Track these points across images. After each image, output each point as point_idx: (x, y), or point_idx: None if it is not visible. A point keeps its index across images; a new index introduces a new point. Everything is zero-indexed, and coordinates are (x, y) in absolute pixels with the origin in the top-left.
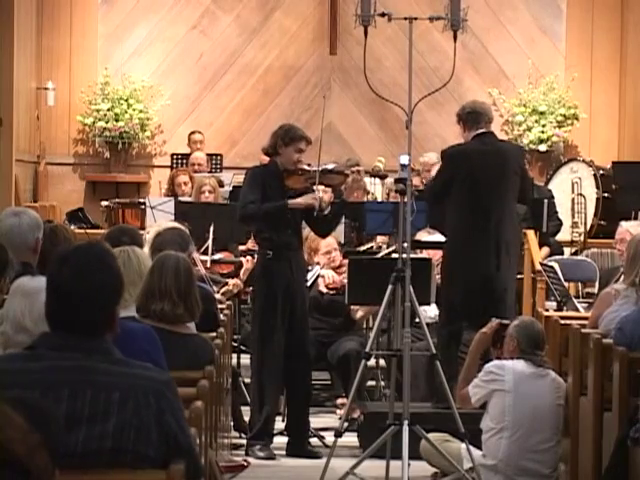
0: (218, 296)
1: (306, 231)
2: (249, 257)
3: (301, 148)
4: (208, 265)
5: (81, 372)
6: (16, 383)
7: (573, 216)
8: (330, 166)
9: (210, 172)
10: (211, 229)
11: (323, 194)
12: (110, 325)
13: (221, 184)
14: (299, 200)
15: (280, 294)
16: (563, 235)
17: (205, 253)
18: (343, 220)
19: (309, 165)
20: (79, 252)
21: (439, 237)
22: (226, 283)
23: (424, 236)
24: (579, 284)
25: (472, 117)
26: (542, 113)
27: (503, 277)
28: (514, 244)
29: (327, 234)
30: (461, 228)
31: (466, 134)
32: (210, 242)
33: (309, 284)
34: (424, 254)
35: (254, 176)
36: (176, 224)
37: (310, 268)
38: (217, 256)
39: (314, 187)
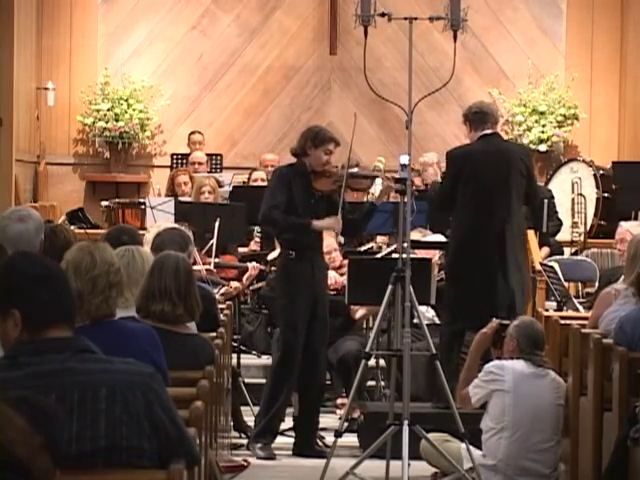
0: (217, 297)
1: None
2: (255, 263)
3: (330, 150)
4: (212, 268)
5: (65, 374)
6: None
7: (573, 216)
8: (363, 171)
9: (210, 172)
10: (215, 230)
11: None
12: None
13: (220, 184)
14: (322, 223)
15: (302, 295)
16: (563, 235)
17: (207, 255)
18: None
19: (337, 168)
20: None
21: (437, 237)
22: (227, 284)
23: (416, 236)
24: (579, 284)
25: (478, 117)
26: (542, 113)
27: (510, 278)
28: (520, 244)
29: (355, 236)
30: (465, 228)
31: (472, 134)
32: (214, 243)
33: None
34: (417, 254)
35: (281, 177)
36: (176, 225)
37: None
38: (217, 259)
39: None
